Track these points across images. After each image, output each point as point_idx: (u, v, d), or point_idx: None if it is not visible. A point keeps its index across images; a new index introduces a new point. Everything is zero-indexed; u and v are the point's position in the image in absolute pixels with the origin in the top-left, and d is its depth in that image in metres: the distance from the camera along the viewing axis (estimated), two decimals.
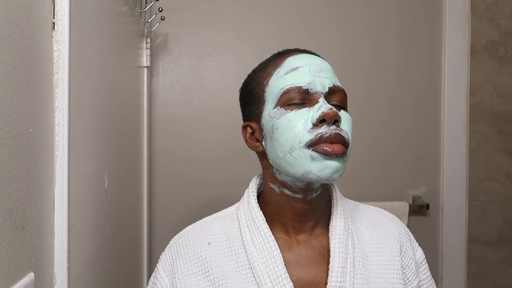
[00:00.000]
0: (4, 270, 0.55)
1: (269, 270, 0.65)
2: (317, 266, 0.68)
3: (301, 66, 0.67)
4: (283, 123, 0.65)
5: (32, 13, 0.62)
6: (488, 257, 1.54)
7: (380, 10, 1.50)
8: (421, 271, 0.76)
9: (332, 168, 0.63)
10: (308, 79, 0.66)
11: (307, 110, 0.65)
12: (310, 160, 0.63)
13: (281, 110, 0.66)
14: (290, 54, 0.71)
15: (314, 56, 0.71)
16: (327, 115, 0.63)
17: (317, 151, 0.62)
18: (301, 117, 0.64)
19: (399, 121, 1.51)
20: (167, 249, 0.75)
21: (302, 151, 0.63)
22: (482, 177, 1.54)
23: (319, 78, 0.67)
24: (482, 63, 1.53)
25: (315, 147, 0.63)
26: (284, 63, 0.69)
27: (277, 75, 0.68)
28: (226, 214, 0.76)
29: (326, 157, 0.62)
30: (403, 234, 0.76)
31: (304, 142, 0.63)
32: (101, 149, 0.90)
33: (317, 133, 0.63)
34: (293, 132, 0.64)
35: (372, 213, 0.78)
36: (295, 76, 0.67)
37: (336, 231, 0.69)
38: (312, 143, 0.63)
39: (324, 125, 0.63)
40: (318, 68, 0.68)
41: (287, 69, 0.68)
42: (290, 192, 0.69)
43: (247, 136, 0.74)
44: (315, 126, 0.64)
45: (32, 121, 0.62)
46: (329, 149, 0.62)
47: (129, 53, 1.18)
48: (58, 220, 0.69)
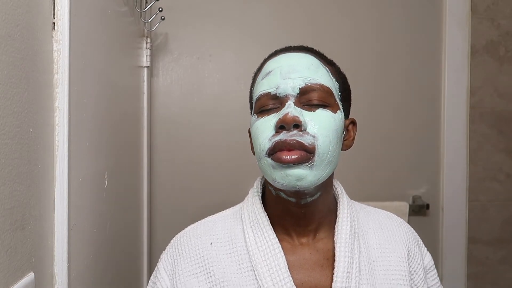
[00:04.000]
0: (4, 270, 0.55)
1: (272, 273, 0.63)
2: (322, 270, 0.66)
3: (272, 70, 0.66)
4: (253, 131, 0.66)
5: (32, 13, 0.62)
6: (488, 257, 1.54)
7: (380, 10, 1.50)
8: (429, 277, 0.74)
9: (293, 176, 0.60)
10: (276, 83, 0.64)
11: (274, 116, 0.63)
12: (272, 169, 0.62)
13: (255, 117, 0.67)
14: (271, 57, 0.70)
15: (293, 54, 0.67)
16: (283, 121, 0.60)
17: (274, 160, 0.61)
18: (267, 124, 0.64)
19: (399, 121, 1.50)
20: (168, 248, 0.73)
21: (265, 160, 0.62)
22: (482, 177, 1.53)
23: (289, 80, 0.64)
24: (482, 63, 1.53)
25: (273, 156, 0.61)
26: (263, 68, 0.69)
27: (257, 80, 0.69)
28: (229, 214, 0.75)
29: (283, 166, 0.60)
30: (412, 239, 0.74)
31: (265, 151, 0.62)
32: (101, 149, 0.90)
33: (274, 141, 0.61)
34: (258, 140, 0.64)
35: (379, 217, 0.76)
36: (267, 82, 0.66)
37: (342, 235, 0.67)
38: (270, 152, 0.61)
39: (284, 131, 0.61)
40: (290, 69, 0.64)
41: (263, 75, 0.68)
42: (285, 195, 0.67)
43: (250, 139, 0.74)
44: (276, 133, 0.62)
45: (32, 121, 0.62)
46: (285, 156, 0.59)
47: (129, 53, 1.18)
48: (58, 220, 0.69)
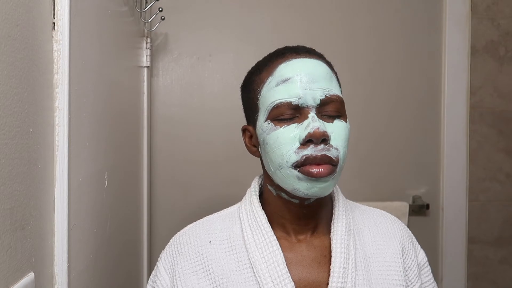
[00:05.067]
0: (4, 270, 0.55)
1: (271, 269, 0.65)
2: (319, 267, 0.68)
3: (291, 77, 0.64)
4: (272, 140, 0.65)
5: (32, 13, 0.62)
6: (488, 257, 1.54)
7: (380, 10, 1.50)
8: (423, 273, 0.76)
9: (319, 188, 0.63)
10: (298, 93, 0.63)
11: (296, 127, 0.63)
12: (297, 180, 0.63)
13: (271, 125, 0.65)
14: (283, 59, 0.67)
15: (308, 61, 0.67)
16: (313, 136, 0.61)
17: (303, 173, 0.62)
18: (289, 135, 0.63)
19: (399, 121, 1.50)
20: (168, 247, 0.74)
21: (289, 171, 0.63)
22: (482, 177, 1.53)
23: (310, 91, 0.63)
24: (482, 63, 1.52)
25: (301, 168, 0.62)
26: (275, 71, 0.66)
27: (269, 85, 0.66)
28: (228, 213, 0.76)
29: (311, 179, 0.62)
30: (405, 236, 0.76)
31: (290, 163, 0.63)
32: (101, 149, 0.90)
33: (303, 155, 0.62)
34: (280, 151, 0.63)
35: (374, 215, 0.78)
36: (285, 89, 0.64)
37: (337, 232, 0.69)
38: (298, 165, 0.62)
39: (311, 145, 0.62)
40: (310, 78, 0.64)
41: (278, 80, 0.65)
42: (287, 196, 0.69)
43: (246, 140, 0.74)
44: (302, 146, 0.62)
45: (32, 121, 0.62)
46: (315, 171, 0.61)
47: (129, 53, 1.18)
48: (58, 220, 0.69)
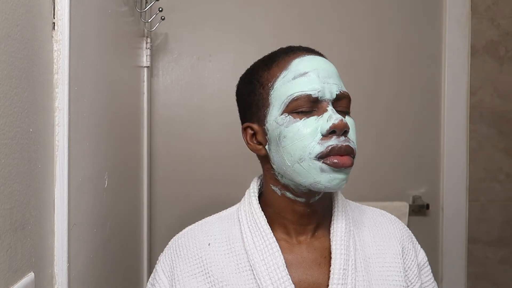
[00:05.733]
0: (4, 270, 0.55)
1: (270, 272, 0.64)
2: (319, 268, 0.67)
3: (309, 71, 0.65)
4: (292, 132, 0.64)
5: (32, 13, 0.62)
6: (488, 257, 1.54)
7: (380, 10, 1.50)
8: (423, 273, 0.76)
9: (339, 180, 0.63)
10: (317, 87, 0.64)
11: (316, 119, 0.64)
12: (319, 172, 0.63)
13: (289, 117, 0.64)
14: (296, 55, 0.68)
15: (321, 59, 0.68)
16: (337, 126, 0.62)
17: (327, 164, 0.62)
18: (310, 126, 0.63)
19: (399, 121, 1.50)
20: (166, 250, 0.74)
21: (311, 163, 0.63)
22: (482, 177, 1.53)
23: (327, 85, 0.65)
24: (482, 63, 1.52)
25: (325, 159, 0.62)
26: (290, 66, 0.66)
27: (284, 78, 0.66)
28: (226, 215, 0.75)
29: (335, 170, 0.62)
30: (405, 236, 0.75)
31: (314, 154, 0.62)
32: (101, 149, 0.90)
33: (328, 145, 0.62)
34: (302, 142, 0.63)
35: (373, 215, 0.77)
36: (304, 82, 0.64)
37: (337, 233, 0.69)
38: (322, 155, 0.62)
39: (334, 136, 0.63)
40: (326, 74, 0.66)
41: (295, 74, 0.65)
42: (292, 195, 0.68)
43: (248, 138, 0.72)
44: (324, 137, 0.63)
45: (32, 121, 0.62)
46: (339, 161, 0.62)
47: (129, 53, 1.18)
48: (58, 220, 0.69)
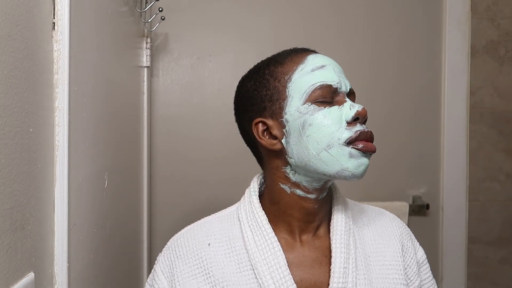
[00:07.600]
0: (4, 270, 0.55)
1: (272, 271, 0.64)
2: (320, 267, 0.67)
3: (326, 65, 0.68)
4: (318, 120, 0.64)
5: (32, 13, 0.62)
6: (488, 257, 1.54)
7: (380, 10, 1.50)
8: (422, 270, 0.76)
9: (365, 165, 0.65)
10: (336, 78, 0.67)
11: (338, 108, 0.66)
12: (348, 157, 0.63)
13: (313, 106, 0.65)
14: (307, 53, 0.70)
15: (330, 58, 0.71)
16: (361, 113, 0.65)
17: (356, 148, 0.64)
18: (336, 114, 0.65)
19: (399, 121, 1.50)
20: (165, 250, 0.73)
21: (340, 148, 0.63)
22: (482, 177, 1.53)
23: (342, 79, 0.68)
24: (482, 63, 1.52)
25: (354, 144, 0.64)
26: (306, 60, 0.68)
27: (302, 71, 0.67)
28: (226, 214, 0.75)
29: (363, 154, 0.64)
30: (405, 234, 0.76)
31: (343, 139, 0.63)
32: (101, 149, 0.90)
33: (356, 130, 0.64)
34: (330, 129, 0.64)
35: (372, 213, 0.78)
36: (323, 74, 0.67)
37: (337, 232, 0.69)
38: (351, 140, 0.64)
39: (358, 123, 0.65)
40: (339, 69, 0.69)
41: (313, 66, 0.67)
42: (303, 192, 0.68)
43: (259, 133, 0.70)
44: (349, 124, 0.65)
45: (32, 121, 0.62)
46: (367, 146, 0.64)
47: (129, 53, 1.18)
48: (58, 220, 0.69)
